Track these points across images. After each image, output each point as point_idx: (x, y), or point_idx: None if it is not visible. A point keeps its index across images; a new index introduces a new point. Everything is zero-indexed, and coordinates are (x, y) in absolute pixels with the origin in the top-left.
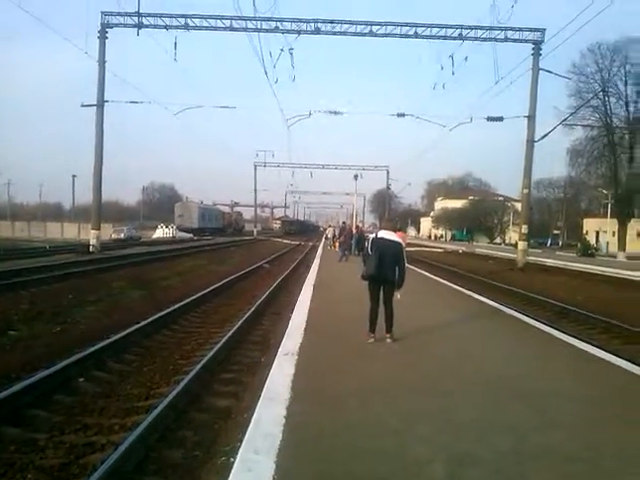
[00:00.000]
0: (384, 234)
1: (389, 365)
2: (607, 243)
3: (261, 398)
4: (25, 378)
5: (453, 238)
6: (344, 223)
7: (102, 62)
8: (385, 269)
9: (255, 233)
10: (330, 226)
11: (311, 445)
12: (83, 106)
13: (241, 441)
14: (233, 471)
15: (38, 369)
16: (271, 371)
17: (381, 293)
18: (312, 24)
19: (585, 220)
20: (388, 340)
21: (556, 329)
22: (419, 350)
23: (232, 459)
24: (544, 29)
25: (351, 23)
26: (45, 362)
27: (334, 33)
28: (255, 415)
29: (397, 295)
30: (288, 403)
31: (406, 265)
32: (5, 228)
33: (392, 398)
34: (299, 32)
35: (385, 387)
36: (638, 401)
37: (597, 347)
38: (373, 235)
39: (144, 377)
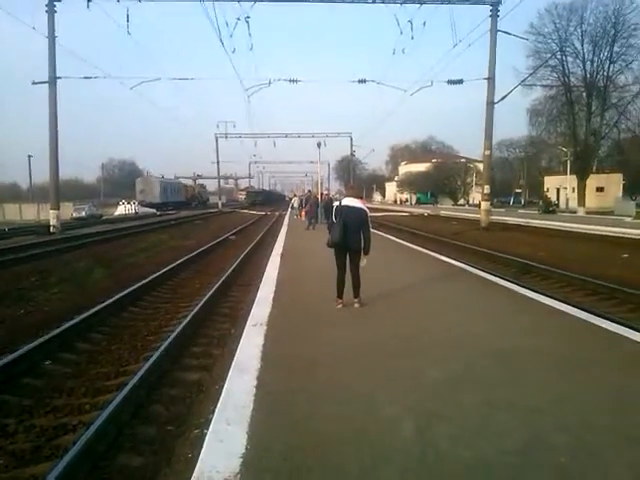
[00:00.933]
0: (348, 201)
1: (357, 330)
2: (567, 199)
3: (231, 369)
4: None
5: (418, 201)
6: (309, 192)
7: (52, 37)
8: (350, 236)
9: (220, 205)
10: (295, 195)
11: (282, 413)
12: (34, 83)
13: (213, 413)
14: (205, 443)
15: (2, 354)
16: (240, 342)
17: (347, 260)
18: None
19: (546, 178)
20: (356, 305)
21: (519, 285)
22: (386, 313)
23: (205, 431)
24: None
25: None
26: (9, 346)
27: (291, 0)
28: (226, 386)
29: (363, 261)
30: (258, 373)
31: (371, 231)
32: None
33: (360, 363)
34: (255, 0)
35: (353, 352)
36: (591, 344)
37: (560, 301)
38: (337, 203)
39: (113, 356)
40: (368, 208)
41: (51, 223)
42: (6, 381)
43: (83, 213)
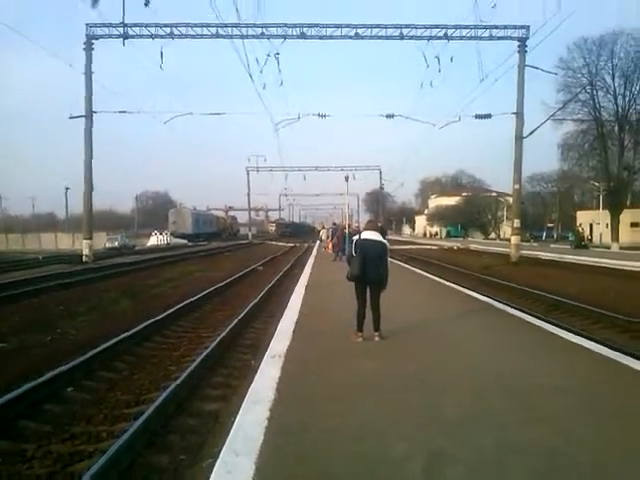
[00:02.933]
0: (368, 235)
1: (375, 364)
2: (600, 234)
3: (245, 401)
4: (12, 390)
5: (448, 235)
6: (334, 224)
7: (89, 73)
8: (370, 269)
9: (250, 236)
10: (324, 227)
11: (291, 447)
12: (71, 118)
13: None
14: (213, 473)
15: (26, 380)
16: (257, 374)
17: (368, 292)
18: (297, 29)
19: (579, 212)
20: (376, 339)
21: (547, 321)
22: (407, 348)
23: (217, 462)
24: (528, 26)
25: (336, 26)
26: (33, 374)
27: (320, 37)
28: (238, 418)
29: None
30: (271, 405)
31: (389, 265)
32: (0, 241)
33: (376, 398)
34: (285, 37)
35: (370, 387)
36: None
37: (587, 338)
38: (357, 236)
39: (133, 384)
40: (396, 241)
41: (84, 252)
42: (28, 407)
43: (116, 243)
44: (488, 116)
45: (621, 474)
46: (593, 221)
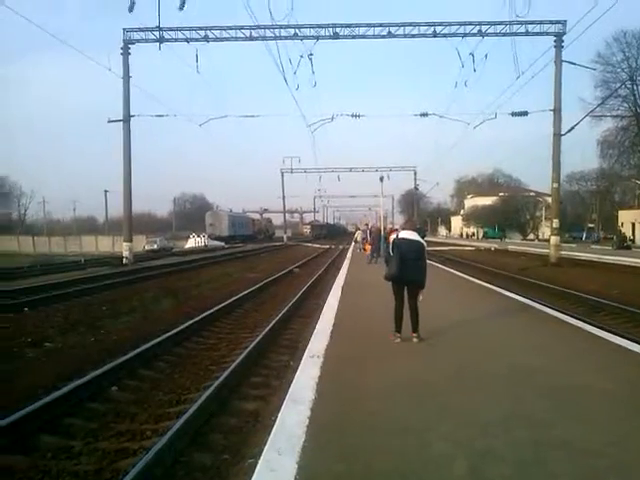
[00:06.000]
0: (405, 234)
1: (414, 365)
2: None
3: (286, 400)
4: (58, 389)
5: (485, 236)
6: (367, 225)
7: (126, 78)
8: (407, 269)
9: (285, 239)
10: (359, 229)
11: (333, 445)
12: (110, 122)
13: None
14: (256, 472)
15: (71, 380)
16: (297, 374)
17: (405, 293)
18: (330, 29)
19: (620, 212)
20: (414, 340)
21: (587, 322)
22: (444, 349)
23: (258, 460)
24: (565, 21)
25: (369, 26)
26: (78, 373)
27: (353, 37)
28: (279, 417)
29: (420, 297)
30: (312, 404)
31: (427, 265)
32: (42, 244)
33: (415, 398)
34: (317, 38)
35: (409, 388)
36: None
37: (632, 340)
38: (394, 236)
39: (175, 384)
40: (432, 242)
41: (124, 255)
42: (75, 405)
43: (155, 246)
44: (525, 113)
45: None
46: (635, 220)
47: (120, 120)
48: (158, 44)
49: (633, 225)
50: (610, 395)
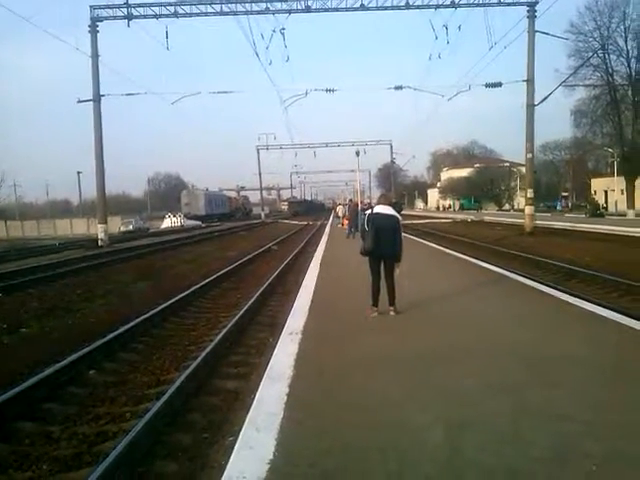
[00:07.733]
0: (380, 209)
1: (391, 339)
2: (616, 202)
3: (264, 378)
4: (36, 374)
5: (461, 207)
6: (350, 200)
7: (95, 56)
8: (383, 243)
9: (263, 216)
10: (339, 204)
11: (311, 421)
12: (79, 102)
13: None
14: (235, 449)
15: (49, 364)
16: (275, 351)
17: (382, 267)
18: (302, 2)
19: (593, 180)
20: (391, 313)
21: (561, 290)
22: (421, 322)
23: (238, 438)
24: None
25: None
26: (55, 357)
27: (325, 10)
28: (257, 395)
29: (396, 271)
30: (290, 381)
31: (402, 238)
32: (15, 228)
33: (393, 371)
34: (289, 11)
35: (386, 360)
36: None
37: (603, 306)
38: (369, 211)
39: (154, 365)
40: (409, 215)
41: (99, 237)
42: (53, 389)
43: (130, 227)
44: (498, 84)
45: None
46: (608, 188)
47: (90, 100)
48: (127, 21)
49: (606, 193)
50: (581, 360)
